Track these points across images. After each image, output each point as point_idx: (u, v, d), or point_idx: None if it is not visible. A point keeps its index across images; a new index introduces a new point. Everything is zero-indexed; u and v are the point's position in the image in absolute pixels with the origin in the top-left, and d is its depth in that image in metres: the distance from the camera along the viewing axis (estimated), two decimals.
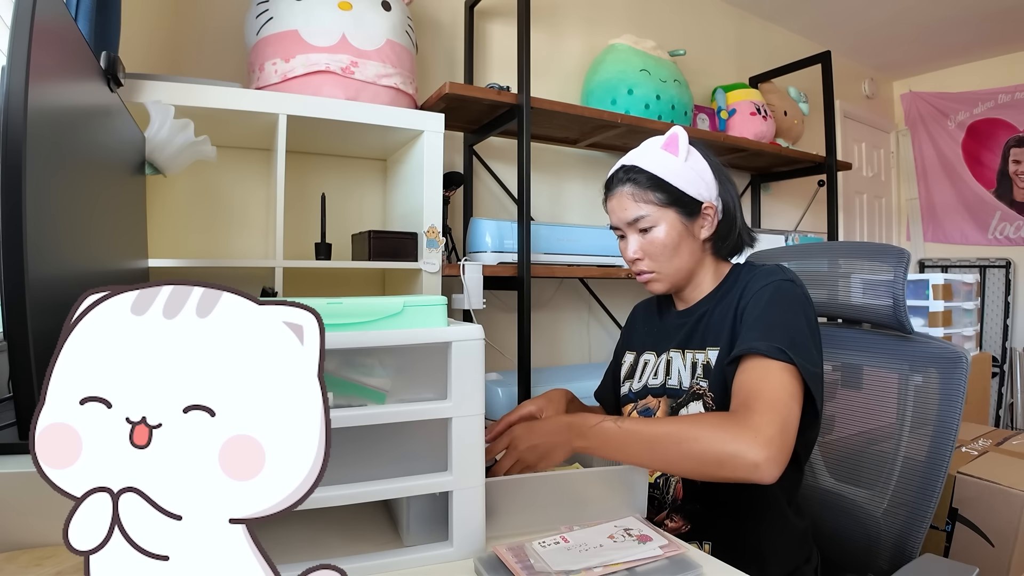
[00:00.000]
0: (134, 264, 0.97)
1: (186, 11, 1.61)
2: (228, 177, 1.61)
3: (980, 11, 2.97)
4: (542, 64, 2.20)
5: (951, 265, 3.76)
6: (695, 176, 0.90)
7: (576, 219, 2.33)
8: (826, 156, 2.62)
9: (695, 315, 0.93)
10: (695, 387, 0.87)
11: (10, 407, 0.53)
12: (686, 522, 0.88)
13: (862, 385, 1.03)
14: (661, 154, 0.90)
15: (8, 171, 0.45)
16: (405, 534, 0.67)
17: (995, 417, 3.31)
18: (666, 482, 0.91)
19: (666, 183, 0.89)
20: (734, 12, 2.95)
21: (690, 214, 0.90)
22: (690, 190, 0.89)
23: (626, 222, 0.92)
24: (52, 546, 0.59)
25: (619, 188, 0.92)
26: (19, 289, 0.45)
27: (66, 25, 0.62)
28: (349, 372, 0.64)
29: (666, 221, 0.89)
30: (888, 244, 1.02)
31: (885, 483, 0.95)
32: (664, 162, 0.89)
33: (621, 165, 0.94)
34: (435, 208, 1.52)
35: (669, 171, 0.89)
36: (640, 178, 0.90)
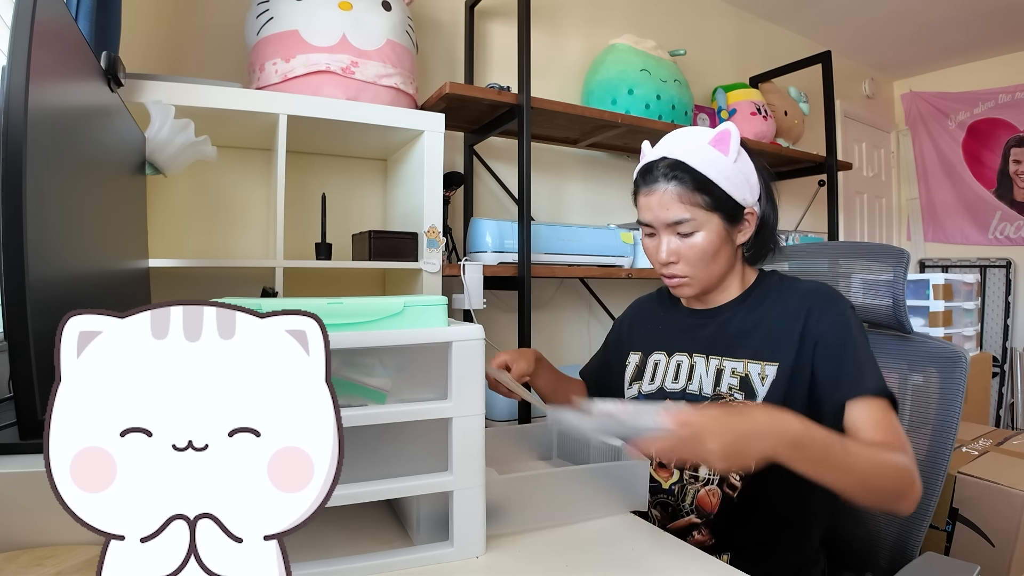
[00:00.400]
0: (134, 264, 0.97)
1: (186, 11, 1.61)
2: (228, 177, 1.61)
3: (980, 11, 2.96)
4: (542, 64, 2.20)
5: (951, 265, 3.76)
6: (742, 179, 0.83)
7: (576, 219, 2.33)
8: (826, 156, 2.62)
9: (717, 319, 0.89)
10: (725, 396, 0.83)
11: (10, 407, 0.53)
12: (712, 536, 0.84)
13: None
14: (710, 151, 0.82)
15: (8, 171, 0.45)
16: (415, 534, 0.68)
17: (995, 417, 3.31)
18: (682, 489, 0.87)
19: (713, 185, 0.81)
20: (734, 12, 2.95)
21: (732, 220, 0.84)
22: (736, 194, 0.83)
23: (666, 223, 0.84)
24: (52, 546, 0.59)
25: (661, 185, 0.83)
26: (19, 289, 0.45)
27: (66, 25, 0.62)
28: (350, 372, 0.64)
29: (709, 227, 0.83)
30: (888, 244, 1.01)
31: None
32: (713, 161, 0.82)
33: (663, 157, 0.84)
34: (435, 208, 1.52)
35: (718, 172, 0.82)
36: (686, 178, 0.82)
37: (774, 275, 0.92)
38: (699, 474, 0.86)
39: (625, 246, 2.01)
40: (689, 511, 0.86)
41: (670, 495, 0.88)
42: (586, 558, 0.67)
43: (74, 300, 0.60)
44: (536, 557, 0.67)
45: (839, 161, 2.66)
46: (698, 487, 0.85)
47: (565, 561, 0.66)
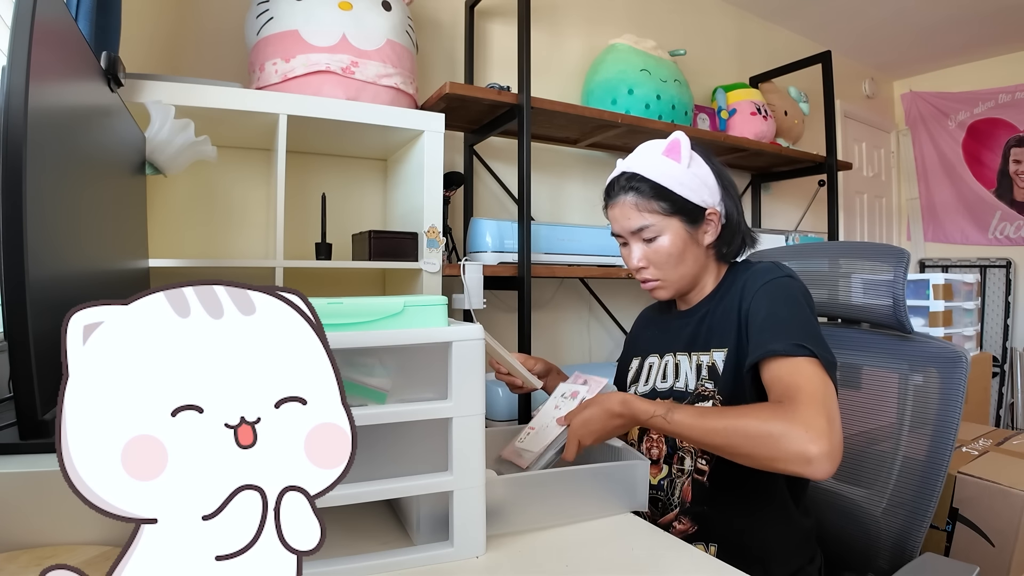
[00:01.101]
0: (134, 264, 0.97)
1: (186, 11, 1.61)
2: (228, 177, 1.61)
3: (980, 11, 2.96)
4: (542, 64, 2.20)
5: (951, 265, 3.76)
6: (698, 183, 0.88)
7: (576, 219, 2.32)
8: (826, 156, 2.62)
9: (696, 316, 0.93)
10: (700, 388, 0.87)
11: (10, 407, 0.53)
12: (693, 524, 0.87)
13: (862, 385, 1.03)
14: (663, 160, 0.88)
15: (8, 171, 0.45)
16: (415, 533, 0.67)
17: (995, 417, 3.31)
18: (671, 484, 0.91)
19: (669, 191, 0.87)
20: (734, 12, 2.95)
21: (694, 221, 0.89)
22: (694, 197, 0.88)
23: (629, 231, 0.91)
24: (52, 546, 0.59)
25: (621, 197, 0.91)
26: (19, 289, 0.45)
27: (66, 25, 0.62)
28: (350, 372, 0.64)
29: (671, 230, 0.88)
30: (888, 244, 1.02)
31: (885, 483, 0.95)
32: (666, 169, 0.88)
33: (622, 172, 0.92)
34: (435, 208, 1.52)
35: (672, 179, 0.87)
36: (643, 187, 0.88)
37: (741, 265, 0.95)
38: (684, 467, 0.89)
39: None
40: (676, 504, 0.89)
41: (659, 491, 0.91)
42: (586, 558, 0.67)
43: (74, 300, 0.60)
44: (536, 557, 0.67)
45: (839, 161, 2.66)
46: (684, 480, 0.89)
47: (565, 561, 0.66)
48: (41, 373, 0.47)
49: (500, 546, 0.68)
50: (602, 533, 0.73)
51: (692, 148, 0.90)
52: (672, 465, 0.91)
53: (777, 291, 0.83)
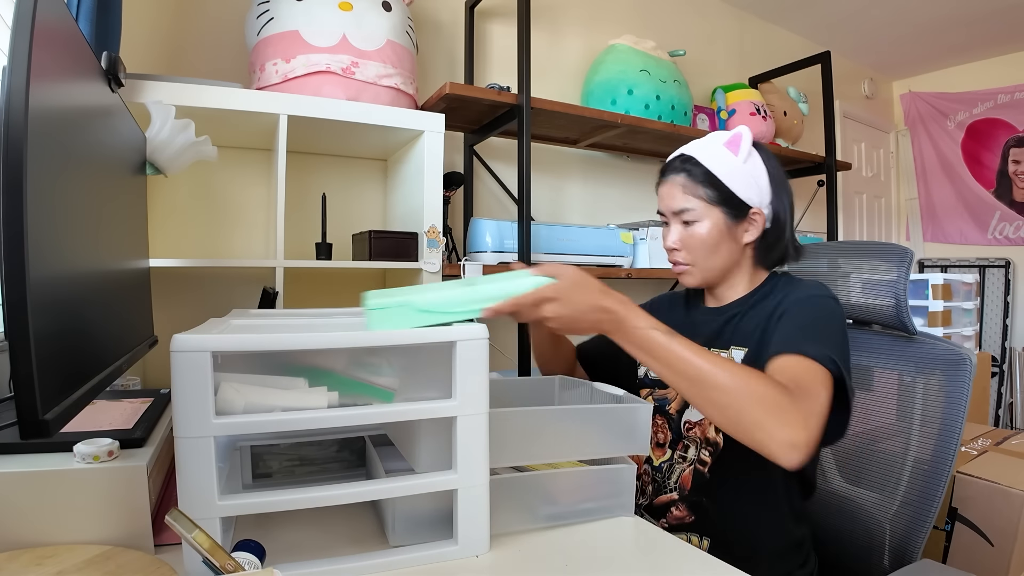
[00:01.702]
0: (134, 264, 0.96)
1: (187, 11, 1.61)
2: (229, 177, 1.61)
3: (980, 11, 2.97)
4: (542, 64, 2.20)
5: (951, 265, 3.76)
6: (750, 179, 0.88)
7: (576, 219, 2.32)
8: (826, 156, 2.62)
9: (725, 315, 0.93)
10: None
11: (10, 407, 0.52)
12: (691, 513, 0.88)
13: (865, 386, 1.03)
14: (721, 150, 0.89)
15: (9, 171, 0.45)
16: (391, 534, 0.67)
17: (995, 417, 3.31)
18: (670, 467, 0.91)
19: (719, 181, 0.88)
20: (734, 12, 2.95)
21: (736, 216, 0.89)
22: (741, 192, 0.88)
23: (672, 211, 0.91)
24: (53, 546, 0.59)
25: (672, 176, 0.91)
26: (20, 289, 0.45)
27: (67, 25, 0.62)
28: (358, 371, 0.64)
29: (710, 219, 0.88)
30: (892, 243, 1.01)
31: (887, 484, 0.95)
32: (722, 159, 0.88)
33: (681, 153, 0.93)
34: (435, 208, 1.52)
35: (725, 169, 0.88)
36: (695, 171, 0.89)
37: (783, 276, 0.94)
38: (687, 455, 0.90)
39: (625, 246, 2.01)
40: (672, 488, 0.90)
41: (657, 472, 0.93)
42: (586, 558, 0.67)
43: (74, 300, 0.60)
44: (536, 556, 0.67)
45: (838, 161, 2.66)
46: (684, 467, 0.90)
47: (565, 561, 0.66)
48: (41, 373, 0.47)
49: (501, 545, 0.68)
50: (602, 533, 0.73)
51: (754, 147, 0.90)
52: (676, 451, 0.91)
53: (818, 306, 0.83)
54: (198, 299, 1.49)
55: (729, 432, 0.69)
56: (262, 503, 0.58)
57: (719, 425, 0.70)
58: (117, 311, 0.81)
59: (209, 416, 0.54)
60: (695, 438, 0.89)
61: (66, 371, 0.55)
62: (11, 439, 0.63)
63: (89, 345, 0.64)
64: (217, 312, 0.88)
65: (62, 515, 0.60)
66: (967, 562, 1.33)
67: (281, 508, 0.58)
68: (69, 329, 0.57)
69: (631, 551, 0.69)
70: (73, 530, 0.60)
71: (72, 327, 0.58)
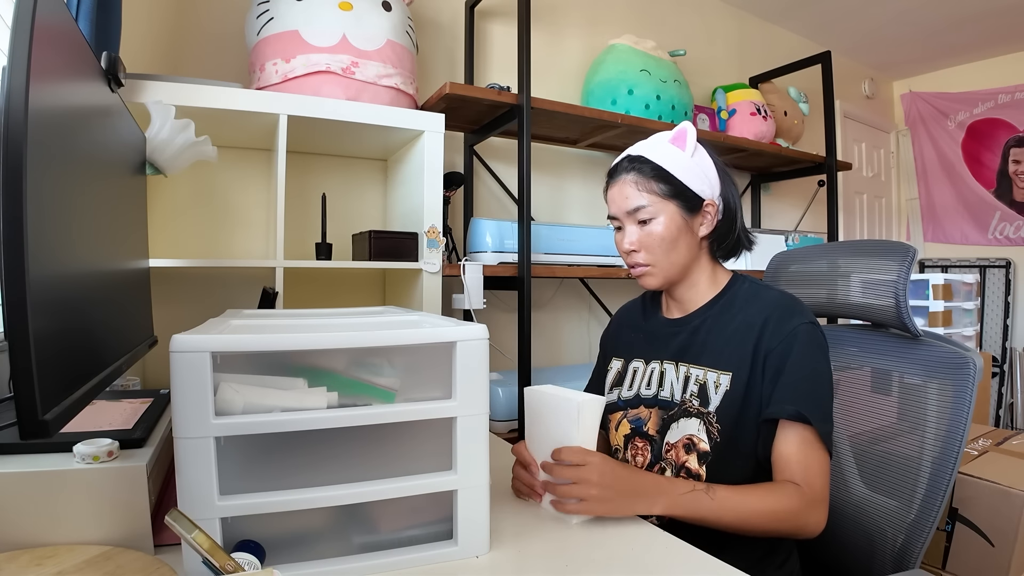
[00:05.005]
0: (134, 264, 0.96)
1: (186, 11, 1.61)
2: (229, 177, 1.61)
3: (980, 11, 2.97)
4: (542, 64, 2.20)
5: (951, 265, 3.76)
6: (700, 172, 0.89)
7: (576, 219, 2.33)
8: (826, 156, 2.62)
9: (690, 326, 0.92)
10: (686, 403, 0.87)
11: (10, 407, 0.52)
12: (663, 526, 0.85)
13: (867, 388, 1.02)
14: (668, 147, 0.90)
15: (9, 171, 0.45)
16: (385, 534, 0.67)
17: (995, 417, 3.31)
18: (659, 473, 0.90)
19: (670, 175, 0.88)
20: (734, 12, 2.95)
21: (691, 209, 0.90)
22: (693, 185, 0.89)
23: (626, 211, 0.91)
24: (52, 546, 0.59)
25: (622, 176, 0.91)
26: (20, 289, 0.45)
27: (67, 25, 0.62)
28: (359, 372, 0.64)
29: (666, 213, 0.89)
30: (893, 241, 1.01)
31: (887, 486, 0.95)
32: (670, 155, 0.89)
33: (627, 154, 0.93)
34: (435, 208, 1.52)
35: (674, 164, 0.88)
36: (644, 168, 0.89)
37: (745, 280, 0.94)
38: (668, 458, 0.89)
39: None
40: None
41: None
42: (586, 558, 0.67)
43: (74, 300, 0.60)
44: (536, 557, 0.67)
45: (839, 161, 2.66)
46: (668, 474, 0.88)
47: (565, 561, 0.66)
48: (41, 373, 0.47)
49: (501, 545, 0.69)
50: (602, 533, 0.73)
51: (698, 141, 0.91)
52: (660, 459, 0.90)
53: (803, 341, 0.83)
54: (198, 299, 1.49)
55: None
56: (262, 503, 0.58)
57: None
58: (117, 311, 0.81)
59: (208, 416, 0.54)
60: (672, 461, 0.87)
61: (66, 371, 0.55)
62: (11, 439, 0.63)
63: (89, 345, 0.64)
64: (217, 312, 0.88)
65: (62, 515, 0.60)
66: (967, 563, 1.33)
67: (281, 508, 0.58)
68: (69, 329, 0.57)
69: (631, 552, 0.69)
70: (73, 530, 0.60)
71: (72, 327, 0.58)
